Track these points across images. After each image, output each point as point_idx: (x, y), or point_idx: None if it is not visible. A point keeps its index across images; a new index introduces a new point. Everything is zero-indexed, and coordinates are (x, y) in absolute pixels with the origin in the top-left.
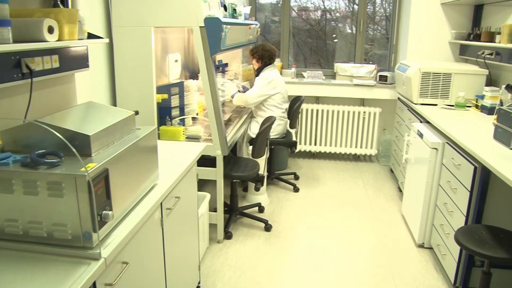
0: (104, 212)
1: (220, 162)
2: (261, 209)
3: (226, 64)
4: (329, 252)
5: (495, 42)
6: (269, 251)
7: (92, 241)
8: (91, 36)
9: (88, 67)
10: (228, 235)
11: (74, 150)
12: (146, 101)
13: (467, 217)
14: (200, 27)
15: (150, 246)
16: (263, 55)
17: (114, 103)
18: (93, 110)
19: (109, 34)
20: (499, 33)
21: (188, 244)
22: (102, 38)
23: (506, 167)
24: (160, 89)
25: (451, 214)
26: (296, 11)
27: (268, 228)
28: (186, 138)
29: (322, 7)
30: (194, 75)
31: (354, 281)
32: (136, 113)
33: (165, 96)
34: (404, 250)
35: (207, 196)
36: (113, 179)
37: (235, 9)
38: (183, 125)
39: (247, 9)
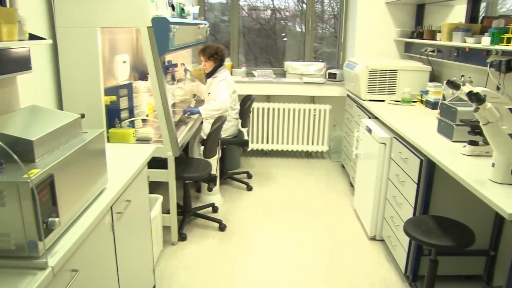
0: (50, 219)
1: (171, 164)
2: (215, 209)
3: (175, 64)
4: (284, 248)
5: (436, 40)
6: (224, 251)
7: (38, 250)
8: (32, 37)
9: (30, 69)
10: (182, 237)
11: (14, 155)
12: (94, 103)
13: (415, 208)
14: (148, 27)
15: (101, 251)
16: (215, 56)
17: (61, 107)
18: (36, 114)
19: (53, 35)
20: (439, 31)
21: (141, 247)
22: (44, 39)
23: (449, 159)
24: (108, 91)
25: (400, 206)
26: (246, 10)
27: (222, 228)
28: (136, 140)
29: (272, 6)
30: (143, 76)
31: (310, 276)
32: (82, 116)
33: (114, 98)
34: (357, 243)
35: (160, 198)
36: (59, 184)
37: (183, 9)
38: (133, 127)
39: (196, 9)
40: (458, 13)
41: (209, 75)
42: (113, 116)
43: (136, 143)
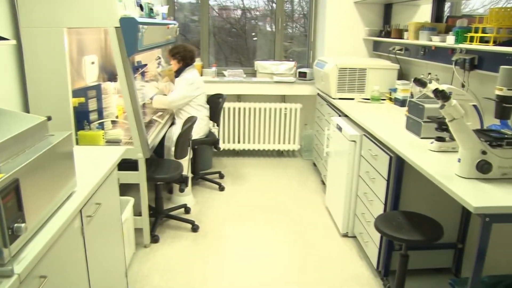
0: (16, 225)
1: (142, 165)
2: (187, 210)
3: (145, 65)
4: (257, 248)
5: (403, 39)
6: (198, 252)
7: (3, 258)
8: None
9: None
10: (155, 239)
11: None
12: (61, 105)
13: (385, 204)
14: (116, 27)
15: (71, 256)
16: (184, 56)
17: (27, 109)
18: (0, 117)
19: (17, 36)
20: (406, 30)
21: (112, 251)
22: (8, 39)
23: (417, 155)
24: (77, 93)
25: (371, 203)
26: (217, 10)
27: (195, 228)
28: (106, 142)
29: (242, 6)
30: (112, 77)
31: (284, 275)
32: (49, 118)
33: (82, 99)
34: (330, 240)
35: (131, 200)
36: (25, 189)
37: (152, 9)
38: (102, 129)
39: (165, 9)
40: (424, 13)
41: (177, 74)
42: (81, 118)
43: (106, 145)
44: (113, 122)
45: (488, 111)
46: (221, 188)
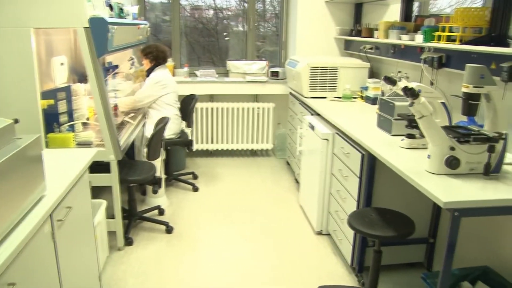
0: None
1: (114, 167)
2: (161, 212)
3: (117, 66)
4: (232, 248)
5: (374, 38)
6: (172, 253)
7: None
8: None
9: None
10: (128, 241)
11: None
12: (29, 107)
13: (358, 201)
14: (85, 27)
15: (42, 262)
16: (157, 55)
17: None
18: None
19: None
20: (376, 29)
21: (85, 255)
22: None
23: (388, 152)
24: (45, 95)
25: (344, 201)
26: (188, 10)
27: (169, 230)
28: (77, 144)
29: (214, 5)
30: (82, 78)
31: (259, 274)
32: (16, 121)
33: (51, 101)
34: (304, 238)
35: (103, 203)
36: None
37: (122, 9)
38: (73, 131)
39: (135, 9)
40: (394, 12)
41: (148, 74)
42: (51, 120)
43: (77, 148)
44: (84, 124)
45: (456, 108)
46: (195, 189)
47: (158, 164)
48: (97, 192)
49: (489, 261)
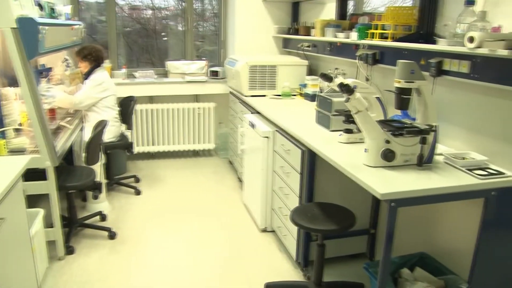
0: None
1: (51, 174)
2: (103, 217)
3: (50, 69)
4: (179, 250)
5: (311, 36)
6: (117, 259)
7: None
8: None
9: None
10: (70, 250)
11: None
12: None
13: (300, 197)
14: (12, 28)
15: None
16: (97, 56)
17: None
18: None
19: None
20: (313, 28)
21: (22, 267)
22: None
23: (327, 148)
24: None
25: (287, 197)
26: (126, 10)
27: (112, 236)
28: (9, 152)
29: (152, 5)
30: (13, 82)
31: (206, 274)
32: None
33: None
34: (249, 236)
35: (41, 212)
36: None
37: (53, 9)
38: (4, 138)
39: (68, 9)
40: (330, 10)
41: (86, 76)
42: None
43: (9, 155)
44: (17, 130)
45: (391, 102)
46: (138, 192)
47: (98, 168)
48: (35, 200)
49: (425, 247)
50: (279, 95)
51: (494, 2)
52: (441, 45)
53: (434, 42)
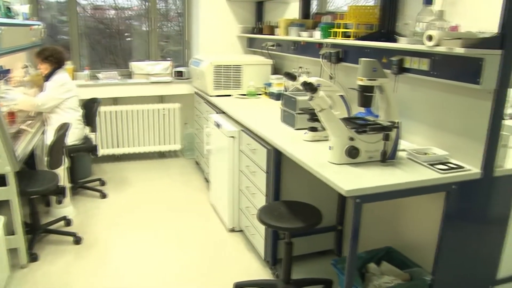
0: None
1: (11, 179)
2: (68, 222)
3: (9, 70)
4: (146, 252)
5: (275, 35)
6: (83, 265)
7: None
8: None
9: None
10: (33, 257)
11: None
12: None
13: (267, 196)
14: None
15: None
16: (58, 58)
17: None
18: None
19: None
20: (277, 27)
21: None
22: None
23: (292, 146)
24: None
25: (254, 196)
26: (88, 10)
27: (78, 241)
28: None
29: (115, 5)
30: None
31: (175, 276)
32: None
33: None
34: (218, 237)
35: (1, 219)
36: None
37: (9, 8)
38: None
39: (25, 8)
40: (294, 10)
41: (47, 78)
42: None
43: None
44: None
45: (354, 100)
46: (103, 195)
47: (62, 172)
48: None
49: (391, 242)
50: (245, 95)
51: (452, 1)
52: (402, 43)
53: (395, 41)
